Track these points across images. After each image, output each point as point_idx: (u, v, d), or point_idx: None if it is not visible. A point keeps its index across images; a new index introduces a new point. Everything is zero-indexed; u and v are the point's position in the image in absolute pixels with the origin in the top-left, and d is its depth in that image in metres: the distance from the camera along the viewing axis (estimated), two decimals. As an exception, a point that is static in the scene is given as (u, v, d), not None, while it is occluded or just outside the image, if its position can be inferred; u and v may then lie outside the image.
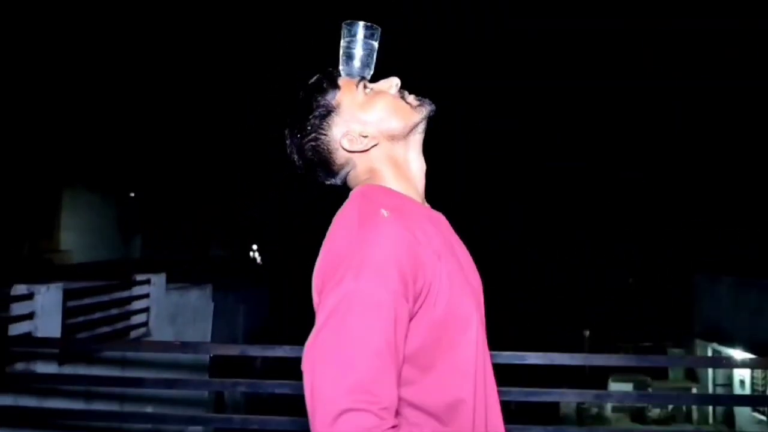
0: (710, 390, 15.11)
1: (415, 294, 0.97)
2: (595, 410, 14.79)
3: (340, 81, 1.18)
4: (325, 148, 1.14)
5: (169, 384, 4.46)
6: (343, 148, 1.13)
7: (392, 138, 1.15)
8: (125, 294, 6.93)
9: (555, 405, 13.67)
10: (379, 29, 1.22)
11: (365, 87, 1.17)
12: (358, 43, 1.21)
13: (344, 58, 1.21)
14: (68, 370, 5.37)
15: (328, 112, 1.14)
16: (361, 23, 1.21)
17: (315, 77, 1.18)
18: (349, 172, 1.16)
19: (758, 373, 13.85)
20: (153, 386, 4.51)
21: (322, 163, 1.15)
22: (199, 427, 7.00)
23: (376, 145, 1.14)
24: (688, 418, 14.97)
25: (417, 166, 1.18)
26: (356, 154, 1.14)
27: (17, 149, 12.07)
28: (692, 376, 16.17)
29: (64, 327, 5.56)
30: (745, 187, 18.68)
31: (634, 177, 24.17)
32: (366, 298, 0.93)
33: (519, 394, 3.09)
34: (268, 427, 3.18)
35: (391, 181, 1.14)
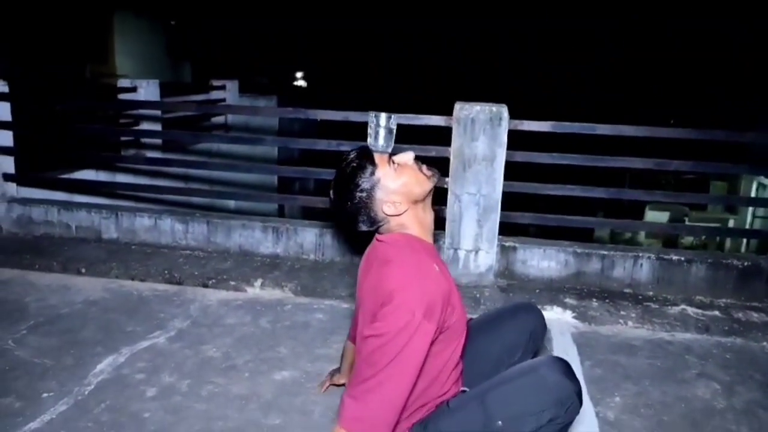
0: (748, 221, 15.46)
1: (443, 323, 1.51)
2: (628, 235, 15.43)
3: (376, 157, 1.58)
4: (370, 211, 1.58)
5: (248, 169, 5.14)
6: (383, 212, 1.58)
7: (415, 202, 1.61)
8: (203, 97, 7.42)
9: (590, 230, 14.42)
10: (395, 116, 1.65)
11: (393, 162, 1.60)
12: (382, 128, 1.63)
13: (372, 138, 1.64)
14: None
15: (372, 187, 1.56)
16: (383, 114, 1.63)
17: (356, 154, 1.58)
18: (383, 225, 1.61)
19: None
20: (238, 171, 5.16)
21: (366, 220, 1.60)
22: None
23: (406, 210, 1.59)
24: (720, 246, 15.29)
25: (430, 217, 1.68)
26: (392, 216, 1.59)
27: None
28: (731, 207, 16.44)
29: (163, 122, 6.17)
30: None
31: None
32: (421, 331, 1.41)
33: (583, 159, 3.55)
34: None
35: (415, 231, 1.63)
